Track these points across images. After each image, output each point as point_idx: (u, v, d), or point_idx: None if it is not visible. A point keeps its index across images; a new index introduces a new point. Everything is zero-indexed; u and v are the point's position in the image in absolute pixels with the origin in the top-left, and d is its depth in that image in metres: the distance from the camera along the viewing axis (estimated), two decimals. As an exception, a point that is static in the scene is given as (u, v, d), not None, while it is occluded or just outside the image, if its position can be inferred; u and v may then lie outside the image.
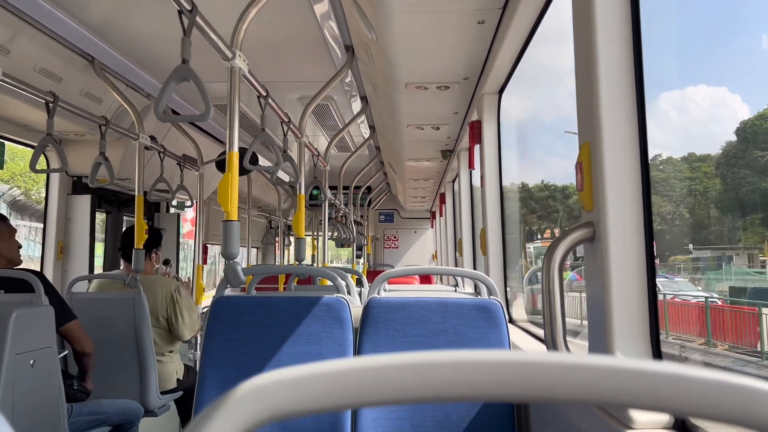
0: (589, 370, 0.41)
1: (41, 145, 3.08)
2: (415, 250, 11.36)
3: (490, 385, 0.43)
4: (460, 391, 0.43)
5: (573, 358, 0.42)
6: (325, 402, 0.44)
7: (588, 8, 1.33)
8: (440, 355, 0.45)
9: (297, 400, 0.44)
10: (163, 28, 3.04)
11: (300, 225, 3.53)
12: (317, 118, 5.09)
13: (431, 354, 0.45)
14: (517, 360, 0.42)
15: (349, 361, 0.44)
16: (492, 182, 3.22)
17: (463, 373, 0.43)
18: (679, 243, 6.41)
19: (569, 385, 0.42)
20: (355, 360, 0.44)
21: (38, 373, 2.45)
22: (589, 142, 1.34)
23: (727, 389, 0.39)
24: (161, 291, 3.60)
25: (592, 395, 0.41)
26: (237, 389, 0.44)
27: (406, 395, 0.44)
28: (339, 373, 0.44)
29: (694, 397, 0.40)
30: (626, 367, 0.41)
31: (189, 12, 1.98)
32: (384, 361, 0.44)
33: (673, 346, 6.05)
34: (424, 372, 0.44)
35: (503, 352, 0.43)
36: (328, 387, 0.44)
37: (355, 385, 0.44)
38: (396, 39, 2.60)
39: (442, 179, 6.99)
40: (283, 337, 2.17)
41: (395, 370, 0.44)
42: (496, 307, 2.17)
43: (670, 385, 0.40)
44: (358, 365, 0.44)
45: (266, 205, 8.48)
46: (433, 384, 0.44)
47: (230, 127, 2.22)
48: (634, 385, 0.41)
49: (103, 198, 4.76)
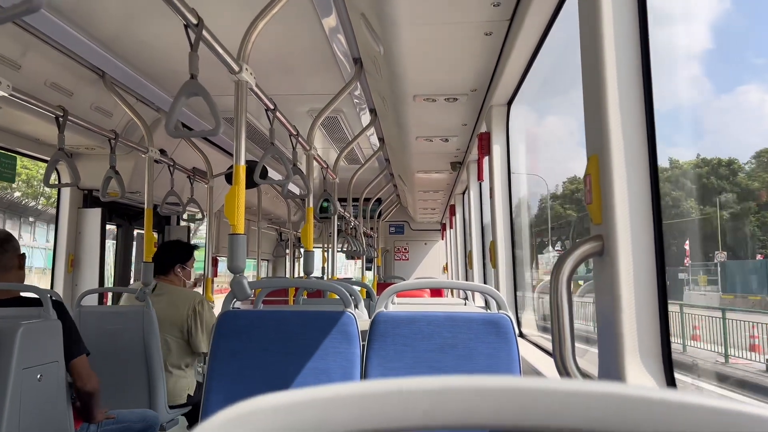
0: (596, 399, 0.39)
1: (53, 161, 3.11)
2: (426, 262, 11.32)
3: (492, 414, 0.40)
4: (461, 419, 0.41)
5: (578, 385, 0.40)
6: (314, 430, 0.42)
7: (595, 20, 1.31)
8: (441, 381, 0.42)
9: (284, 427, 0.42)
10: (172, 41, 3.06)
11: (309, 238, 3.52)
12: (326, 130, 5.10)
13: (432, 380, 0.43)
14: (523, 387, 0.40)
15: (337, 387, 0.42)
16: (501, 194, 3.19)
17: (465, 401, 0.41)
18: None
19: (574, 414, 0.39)
20: (345, 386, 0.42)
21: (45, 388, 2.44)
22: (598, 155, 1.31)
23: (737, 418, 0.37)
24: (186, 303, 3.62)
25: (597, 426, 0.39)
26: (220, 415, 0.42)
27: (402, 424, 0.42)
28: (327, 400, 0.42)
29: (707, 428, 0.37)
30: (637, 395, 0.39)
31: (195, 26, 1.98)
32: (375, 387, 0.42)
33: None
34: (423, 399, 0.42)
35: (507, 379, 0.41)
36: (317, 414, 0.42)
37: (344, 413, 0.42)
38: (403, 51, 2.60)
39: (452, 191, 6.96)
40: (290, 351, 2.15)
41: (386, 397, 0.42)
42: (505, 321, 2.14)
43: (682, 415, 0.38)
44: (347, 392, 0.42)
45: (276, 218, 8.49)
46: (434, 411, 0.42)
47: (237, 141, 2.22)
48: (641, 414, 0.38)
49: (113, 211, 4.78)
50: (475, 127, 3.84)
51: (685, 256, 10.55)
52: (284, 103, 3.70)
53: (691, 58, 12.23)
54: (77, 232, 4.43)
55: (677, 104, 8.94)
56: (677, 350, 8.12)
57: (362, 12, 2.54)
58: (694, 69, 12.70)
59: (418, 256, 11.36)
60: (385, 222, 10.97)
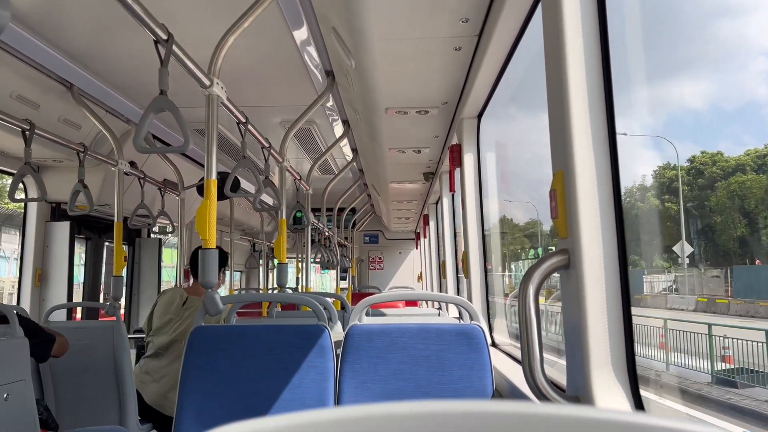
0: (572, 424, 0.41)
1: (19, 174, 3.05)
2: (401, 271, 11.34)
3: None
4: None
5: (553, 409, 0.41)
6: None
7: (558, 38, 1.35)
8: (417, 406, 0.44)
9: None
10: (143, 53, 3.04)
11: (282, 250, 3.51)
12: (300, 141, 5.10)
13: (409, 405, 0.44)
14: (496, 411, 0.41)
15: (309, 414, 0.43)
16: (472, 205, 3.23)
17: (431, 425, 0.43)
18: None
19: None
20: (317, 413, 0.43)
21: (12, 406, 2.39)
22: (563, 170, 1.35)
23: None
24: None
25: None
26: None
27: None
28: (300, 427, 0.43)
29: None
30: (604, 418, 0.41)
31: (165, 41, 1.98)
32: (340, 414, 0.43)
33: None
34: (390, 425, 0.43)
35: (479, 403, 0.42)
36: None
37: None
38: (374, 66, 2.62)
39: (425, 201, 7.01)
40: (263, 366, 2.14)
41: (355, 424, 0.43)
42: (477, 332, 2.17)
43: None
44: (320, 418, 0.43)
45: (249, 228, 8.43)
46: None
47: (208, 155, 2.21)
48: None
49: (82, 224, 4.70)
50: (447, 138, 3.88)
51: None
52: (257, 114, 3.69)
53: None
54: (45, 245, 4.35)
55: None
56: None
57: (333, 26, 2.56)
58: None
59: (393, 265, 11.38)
60: (360, 232, 10.97)
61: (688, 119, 16.06)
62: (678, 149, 14.30)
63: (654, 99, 11.40)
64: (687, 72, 18.71)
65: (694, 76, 19.90)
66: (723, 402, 6.39)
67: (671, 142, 14.69)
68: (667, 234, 10.92)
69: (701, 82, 19.87)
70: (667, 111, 11.33)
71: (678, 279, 10.98)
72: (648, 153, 6.50)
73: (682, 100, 16.17)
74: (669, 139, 13.61)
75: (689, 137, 16.79)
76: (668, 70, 15.70)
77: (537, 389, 1.32)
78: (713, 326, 8.28)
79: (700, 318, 9.07)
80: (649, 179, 5.78)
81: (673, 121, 13.68)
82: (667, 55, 14.84)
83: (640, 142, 6.40)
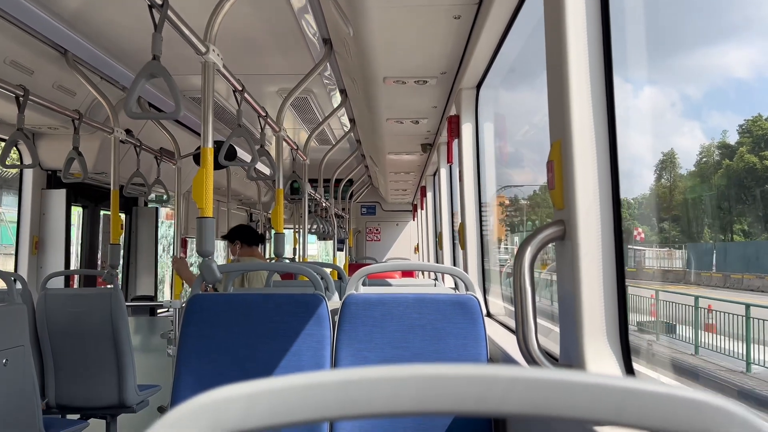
0: (557, 386, 0.42)
1: (11, 140, 3.03)
2: (398, 242, 11.38)
3: (460, 400, 0.42)
4: (421, 406, 0.43)
5: (539, 373, 0.42)
6: (279, 418, 0.44)
7: (559, 7, 1.33)
8: (405, 370, 0.44)
9: (248, 416, 0.43)
10: (139, 19, 2.99)
11: (279, 220, 3.52)
12: (297, 111, 5.06)
13: (396, 368, 0.44)
14: (490, 375, 0.42)
15: (302, 377, 0.44)
16: (470, 177, 3.22)
17: (425, 388, 0.43)
18: None
19: (536, 401, 0.42)
20: (309, 376, 0.44)
21: (11, 372, 2.42)
22: (561, 140, 1.34)
23: (684, 404, 0.40)
24: (258, 283, 3.90)
25: (561, 412, 0.42)
26: (188, 404, 0.43)
27: (367, 411, 0.44)
28: (293, 389, 0.44)
29: (657, 413, 0.40)
30: (592, 382, 0.41)
31: (160, 6, 1.95)
32: (339, 376, 0.44)
33: None
34: (390, 387, 0.44)
35: (476, 367, 0.43)
36: (283, 403, 0.44)
37: (312, 400, 0.43)
38: (372, 34, 2.59)
39: (423, 172, 6.99)
40: (260, 334, 2.16)
41: (348, 385, 0.44)
42: (472, 302, 2.18)
43: (635, 402, 0.40)
44: (311, 381, 0.44)
45: (246, 198, 8.42)
46: (400, 398, 0.43)
47: (204, 123, 2.20)
48: (597, 402, 0.41)
49: (79, 192, 4.69)
50: (445, 109, 3.85)
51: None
52: (253, 83, 3.65)
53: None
54: (41, 213, 4.34)
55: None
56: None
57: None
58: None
59: (390, 236, 11.41)
60: (357, 203, 10.97)
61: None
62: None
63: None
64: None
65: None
66: None
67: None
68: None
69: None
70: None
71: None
72: (719, 111, 5.81)
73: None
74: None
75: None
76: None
77: (530, 357, 1.33)
78: None
79: None
80: (733, 135, 5.15)
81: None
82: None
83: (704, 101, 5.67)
